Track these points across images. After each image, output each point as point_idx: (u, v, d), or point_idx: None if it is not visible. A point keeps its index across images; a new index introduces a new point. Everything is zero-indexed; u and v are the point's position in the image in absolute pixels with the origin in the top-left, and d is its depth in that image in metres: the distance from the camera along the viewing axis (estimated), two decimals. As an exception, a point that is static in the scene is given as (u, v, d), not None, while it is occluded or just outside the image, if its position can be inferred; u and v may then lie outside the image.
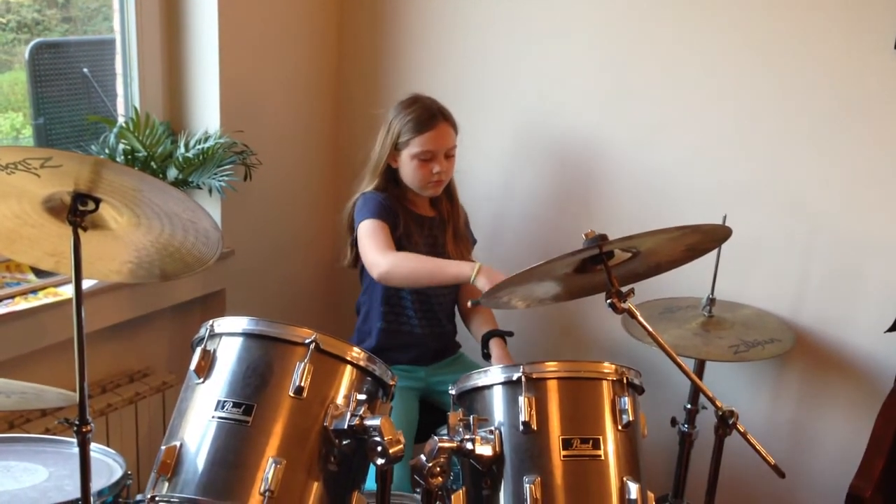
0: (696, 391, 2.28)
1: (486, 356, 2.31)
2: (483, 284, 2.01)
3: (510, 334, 2.35)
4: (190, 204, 1.42)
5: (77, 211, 1.39)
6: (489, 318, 2.44)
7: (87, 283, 2.20)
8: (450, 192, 2.43)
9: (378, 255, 2.16)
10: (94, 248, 1.53)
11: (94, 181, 1.36)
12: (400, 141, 2.28)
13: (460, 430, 1.55)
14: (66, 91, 2.44)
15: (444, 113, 2.31)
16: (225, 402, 1.50)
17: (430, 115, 2.28)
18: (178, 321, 2.60)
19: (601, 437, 1.56)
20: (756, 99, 2.29)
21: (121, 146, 2.38)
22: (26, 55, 2.33)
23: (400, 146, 2.29)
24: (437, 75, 2.75)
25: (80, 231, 1.40)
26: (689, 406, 2.29)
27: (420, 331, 2.38)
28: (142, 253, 1.57)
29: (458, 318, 2.53)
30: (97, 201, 1.41)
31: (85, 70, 2.46)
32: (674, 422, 2.32)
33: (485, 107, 2.69)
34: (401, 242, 2.27)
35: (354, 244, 2.35)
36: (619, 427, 1.58)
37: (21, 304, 2.11)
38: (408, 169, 2.29)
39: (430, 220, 2.40)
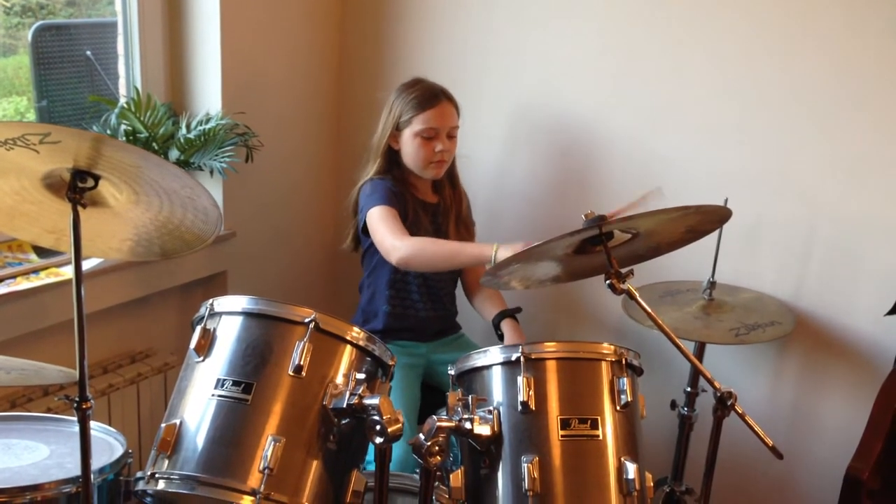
0: (695, 374, 2.28)
1: (501, 338, 2.32)
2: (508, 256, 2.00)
3: (519, 310, 2.36)
4: (189, 181, 1.42)
5: (76, 188, 1.39)
6: (497, 299, 2.45)
7: (88, 264, 2.21)
8: (452, 178, 2.44)
9: (396, 240, 2.15)
10: (94, 226, 1.53)
11: (93, 158, 1.36)
12: (402, 120, 2.28)
13: (459, 409, 1.56)
14: (68, 73, 2.44)
15: (447, 93, 2.31)
16: (225, 380, 1.51)
17: (432, 94, 2.28)
18: (180, 302, 2.61)
19: (599, 418, 1.57)
20: (758, 83, 2.28)
21: (122, 127, 2.38)
22: (29, 37, 2.33)
23: (402, 125, 2.28)
24: (438, 58, 2.74)
25: (79, 208, 1.40)
26: (688, 389, 2.29)
27: (424, 314, 2.39)
28: (141, 230, 1.57)
29: (458, 300, 2.53)
30: (96, 178, 1.41)
31: (88, 53, 2.46)
32: (673, 405, 2.33)
33: (487, 90, 2.68)
34: (411, 230, 2.27)
35: (357, 229, 2.36)
36: (618, 408, 1.59)
37: (23, 284, 2.11)
38: (410, 149, 2.29)
39: (434, 206, 2.40)
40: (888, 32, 2.09)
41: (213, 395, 1.50)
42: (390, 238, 2.16)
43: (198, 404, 1.52)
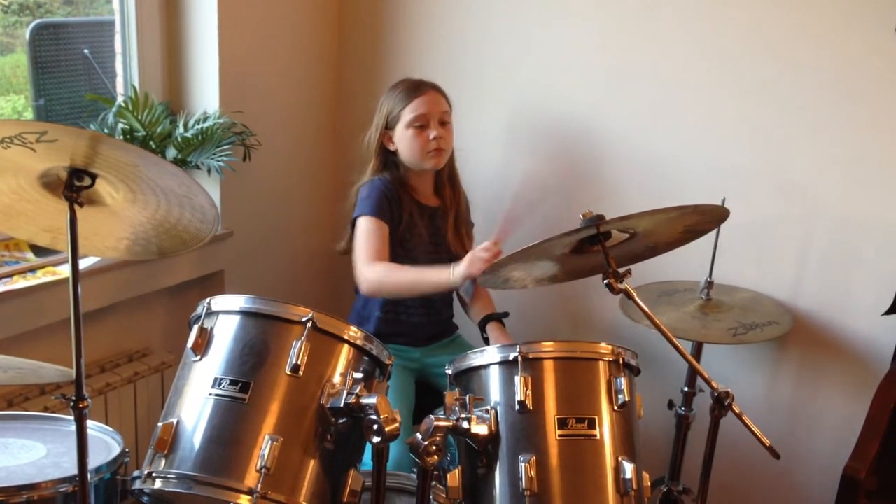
0: (693, 374, 2.28)
1: (486, 341, 2.31)
2: (463, 273, 2.04)
3: (506, 315, 2.35)
4: (186, 180, 1.42)
5: (73, 186, 1.39)
6: (486, 302, 2.44)
7: (86, 263, 2.21)
8: (452, 178, 2.42)
9: (366, 266, 2.17)
10: (91, 225, 1.53)
11: (90, 156, 1.35)
12: (391, 116, 2.27)
13: (456, 409, 1.56)
14: (66, 72, 2.43)
15: (432, 83, 2.31)
16: (222, 379, 1.51)
17: (417, 85, 2.29)
18: (177, 302, 2.60)
19: (597, 417, 1.57)
20: (756, 82, 2.28)
21: (120, 126, 2.37)
22: (27, 36, 2.33)
23: (392, 122, 2.28)
24: (437, 56, 2.74)
25: (76, 207, 1.40)
26: (686, 389, 2.29)
27: (418, 319, 2.38)
28: (138, 229, 1.57)
29: (455, 303, 2.53)
30: (93, 177, 1.40)
31: (86, 51, 2.45)
32: (671, 405, 2.33)
33: (485, 89, 2.68)
34: (404, 236, 2.27)
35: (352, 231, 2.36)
36: (615, 407, 1.59)
37: (19, 283, 2.11)
38: (404, 143, 2.27)
39: (433, 209, 2.38)
40: (887, 31, 2.09)
41: (210, 395, 1.50)
42: (361, 264, 2.19)
43: (195, 403, 1.52)
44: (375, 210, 2.23)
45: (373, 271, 2.17)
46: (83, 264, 2.19)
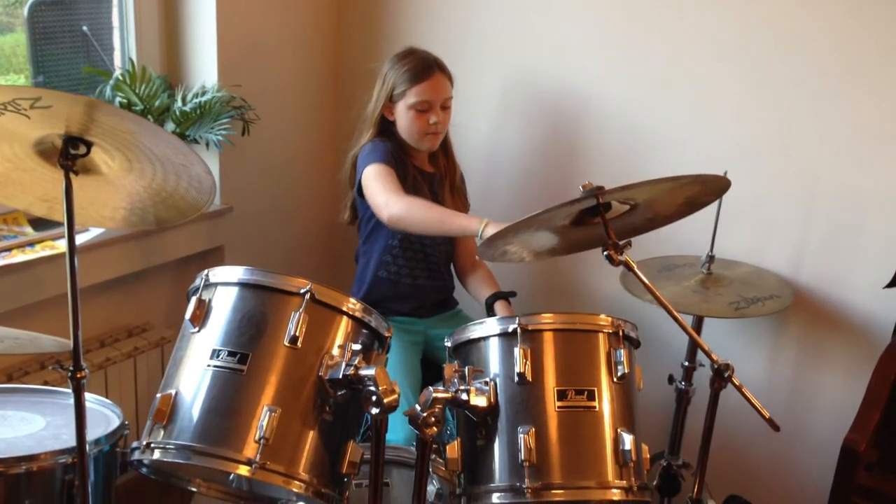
0: (693, 348, 2.28)
1: None
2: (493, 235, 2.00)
3: (513, 294, 2.35)
4: (182, 148, 1.41)
5: (68, 154, 1.38)
6: (489, 279, 2.44)
7: (85, 237, 2.20)
8: (446, 148, 2.43)
9: (388, 196, 2.11)
10: (87, 194, 1.52)
11: (85, 123, 1.34)
12: (395, 92, 2.27)
13: (455, 381, 1.55)
14: (65, 48, 2.42)
15: (440, 64, 2.30)
16: (220, 350, 1.50)
17: (426, 66, 2.27)
18: (177, 277, 2.60)
19: (596, 389, 1.56)
20: (757, 55, 2.26)
21: (117, 100, 2.36)
22: (25, 13, 2.31)
23: (395, 98, 2.27)
24: (437, 28, 2.72)
25: (71, 175, 1.39)
26: (686, 363, 2.29)
27: (420, 282, 2.38)
28: (135, 198, 1.56)
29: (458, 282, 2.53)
30: (89, 145, 1.39)
31: (84, 28, 2.44)
32: (671, 379, 2.32)
33: (485, 60, 2.66)
34: (409, 193, 2.26)
35: (354, 196, 2.34)
36: (615, 379, 1.58)
37: (18, 257, 2.11)
38: (404, 121, 2.28)
39: (431, 175, 2.39)
40: (890, 5, 2.07)
41: (208, 366, 1.49)
42: (382, 195, 2.13)
43: (193, 375, 1.51)
44: (383, 159, 2.21)
45: (402, 199, 2.10)
46: (83, 239, 2.18)
